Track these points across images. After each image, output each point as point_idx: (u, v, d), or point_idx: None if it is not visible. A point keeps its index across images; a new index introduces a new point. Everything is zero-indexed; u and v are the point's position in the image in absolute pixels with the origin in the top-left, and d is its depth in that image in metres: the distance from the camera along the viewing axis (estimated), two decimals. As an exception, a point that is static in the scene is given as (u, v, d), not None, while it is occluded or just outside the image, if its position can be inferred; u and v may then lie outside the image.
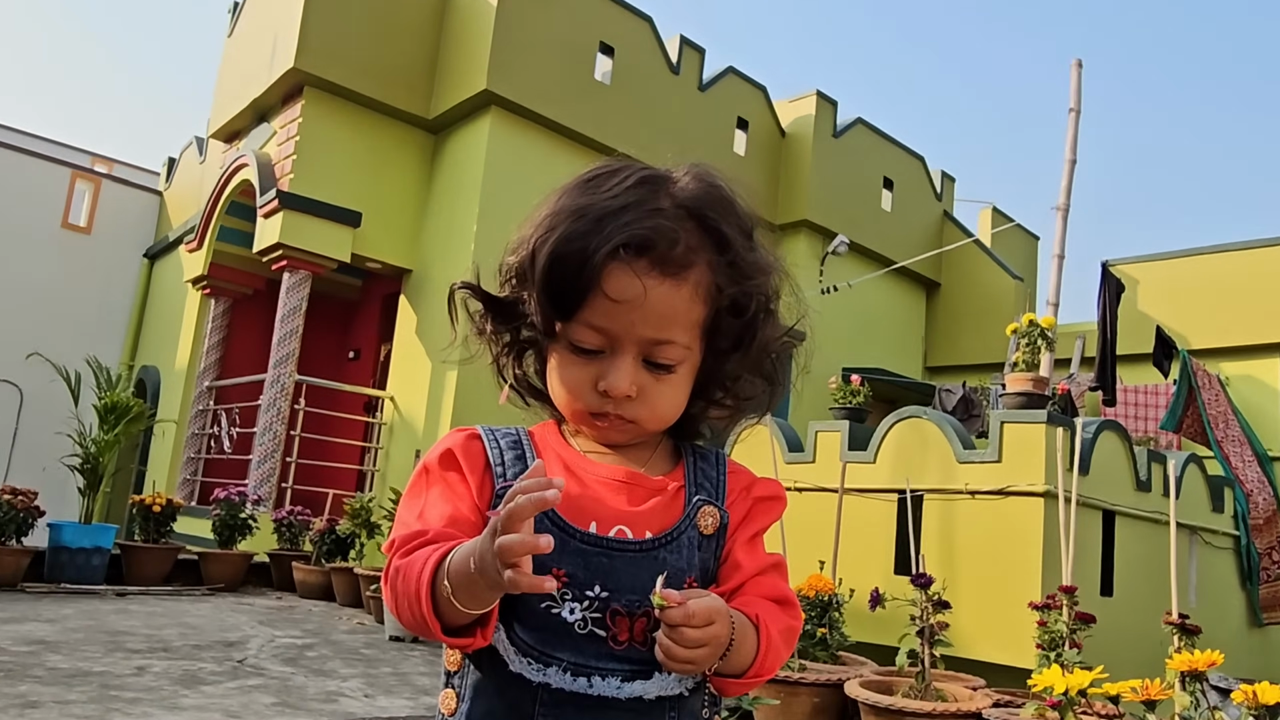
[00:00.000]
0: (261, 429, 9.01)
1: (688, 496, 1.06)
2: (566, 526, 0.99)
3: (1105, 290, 7.77)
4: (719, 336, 1.05)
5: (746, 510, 1.09)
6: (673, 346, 1.00)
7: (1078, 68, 7.99)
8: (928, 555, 5.88)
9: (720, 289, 1.03)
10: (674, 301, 0.99)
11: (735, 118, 11.17)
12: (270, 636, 5.55)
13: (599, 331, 0.99)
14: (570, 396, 1.03)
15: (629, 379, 0.99)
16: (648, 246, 0.97)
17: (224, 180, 10.31)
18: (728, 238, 1.03)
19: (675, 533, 1.02)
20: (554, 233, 1.01)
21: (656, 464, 1.09)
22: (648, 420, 1.03)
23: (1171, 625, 3.06)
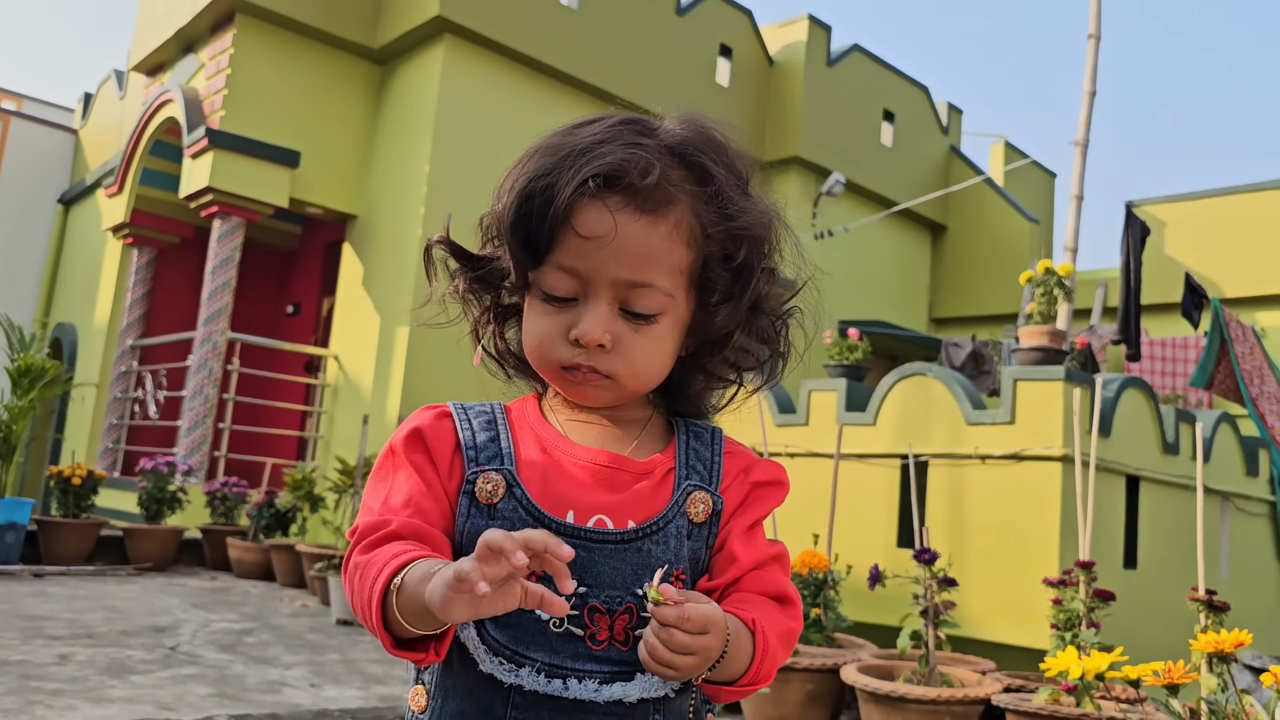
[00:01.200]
0: (191, 392, 8.90)
1: (677, 480, 1.04)
2: (541, 516, 0.98)
3: (1129, 234, 7.74)
4: (709, 290, 1.04)
5: (744, 496, 1.07)
6: (651, 291, 0.99)
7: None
8: (934, 526, 5.88)
9: (707, 233, 1.02)
10: (650, 239, 0.98)
11: (718, 45, 11.02)
12: (204, 621, 5.50)
13: (570, 274, 0.99)
14: (540, 348, 1.02)
15: (601, 325, 0.98)
16: (619, 177, 0.97)
17: (146, 118, 10.10)
18: (714, 176, 1.02)
19: (661, 521, 1.01)
20: (524, 172, 1.01)
21: (645, 444, 1.07)
22: (625, 376, 1.01)
23: (1197, 601, 3.04)
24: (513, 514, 0.98)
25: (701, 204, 1.01)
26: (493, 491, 0.98)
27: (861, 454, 6.37)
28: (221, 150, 8.74)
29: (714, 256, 1.02)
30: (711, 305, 1.04)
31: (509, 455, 1.01)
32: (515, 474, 1.00)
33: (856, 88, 12.10)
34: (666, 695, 0.98)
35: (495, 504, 0.98)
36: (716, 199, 1.01)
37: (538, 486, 1.00)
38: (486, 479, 0.99)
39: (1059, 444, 5.68)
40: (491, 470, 0.99)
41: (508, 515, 0.98)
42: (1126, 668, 2.49)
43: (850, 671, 3.75)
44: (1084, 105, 7.61)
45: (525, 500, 0.98)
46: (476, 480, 0.99)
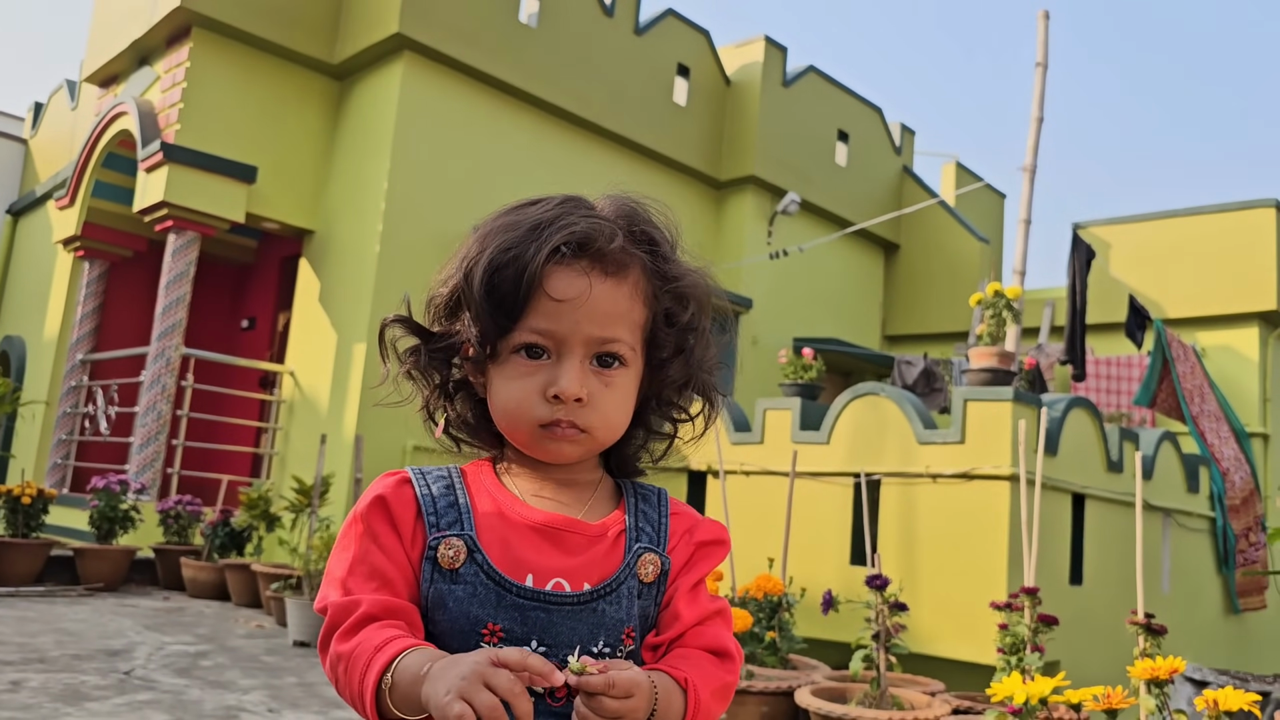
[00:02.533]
0: (144, 408, 8.80)
1: (628, 543, 1.10)
2: (502, 580, 1.03)
3: (1075, 258, 7.93)
4: (657, 346, 1.12)
5: (689, 555, 1.14)
6: (618, 345, 1.06)
7: (1044, 19, 8.09)
8: (885, 544, 5.97)
9: (655, 295, 1.10)
10: (616, 298, 1.06)
11: (675, 64, 11.12)
12: (159, 643, 5.45)
13: (544, 335, 1.05)
14: (518, 410, 1.07)
15: (579, 380, 1.04)
16: (587, 244, 1.04)
17: (99, 129, 10.00)
18: (657, 241, 1.12)
19: (615, 583, 1.07)
20: (487, 249, 1.06)
21: (596, 506, 1.13)
22: (599, 428, 1.07)
23: (1136, 625, 3.14)
24: (474, 579, 1.02)
25: (652, 267, 1.10)
26: (454, 557, 1.03)
27: (815, 472, 6.46)
28: (177, 164, 8.68)
29: (661, 315, 1.10)
30: (661, 360, 1.12)
31: (468, 520, 1.06)
32: (475, 539, 1.04)
33: (812, 108, 12.25)
34: None
35: (457, 569, 1.03)
36: (662, 262, 1.11)
37: (498, 551, 1.04)
38: (448, 545, 1.03)
39: (1008, 463, 5.81)
40: (452, 535, 1.04)
41: (470, 580, 1.02)
42: (1069, 692, 2.59)
43: (804, 695, 3.82)
44: (1031, 132, 7.79)
45: (486, 565, 1.03)
46: (438, 546, 1.04)
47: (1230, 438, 8.79)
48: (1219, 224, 11.02)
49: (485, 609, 1.01)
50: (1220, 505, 8.06)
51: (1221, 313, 10.87)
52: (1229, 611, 8.22)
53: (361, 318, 8.63)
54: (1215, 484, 8.09)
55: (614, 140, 10.39)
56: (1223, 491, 8.11)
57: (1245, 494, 8.53)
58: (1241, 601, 8.31)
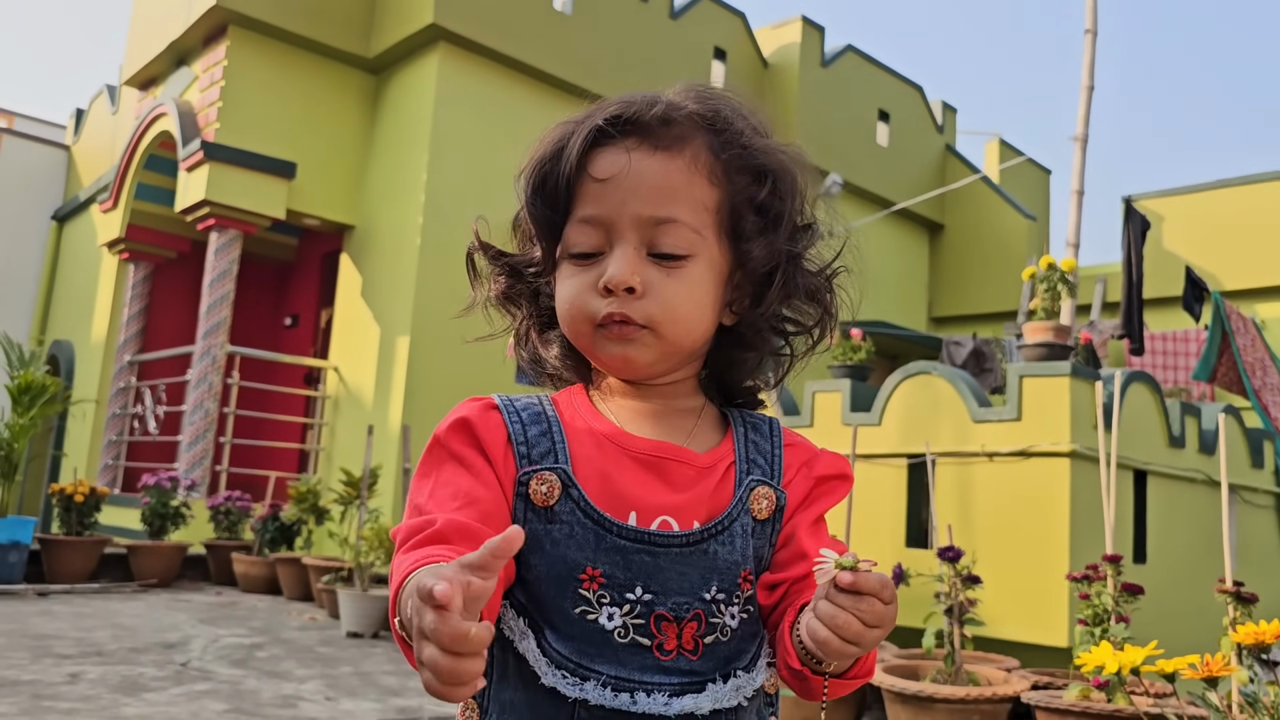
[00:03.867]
0: (191, 407, 8.84)
1: (738, 475, 0.99)
2: (602, 519, 0.93)
3: (1129, 229, 7.73)
4: (741, 234, 1.00)
5: (807, 490, 1.03)
6: (676, 227, 0.95)
7: (1094, -18, 7.89)
8: (943, 525, 5.85)
9: (728, 173, 0.99)
10: (669, 172, 0.96)
11: (712, 48, 11.01)
12: (214, 636, 5.45)
13: (593, 224, 0.96)
14: (571, 309, 0.97)
15: (629, 266, 0.94)
16: (631, 120, 0.96)
17: (140, 132, 10.06)
18: (727, 117, 1.00)
19: (727, 520, 0.96)
20: (538, 149, 1.01)
21: (701, 434, 1.02)
22: (664, 323, 0.95)
23: (1226, 594, 3.01)
24: (571, 517, 0.92)
25: (716, 141, 0.99)
26: (548, 494, 0.93)
27: (867, 454, 6.33)
28: (217, 163, 8.70)
29: (740, 196, 0.99)
30: (750, 257, 0.99)
31: (563, 451, 0.96)
32: (571, 473, 0.94)
33: (851, 88, 12.09)
34: (739, 704, 0.93)
35: (552, 506, 0.93)
36: (733, 137, 0.99)
37: (596, 486, 0.94)
38: (541, 480, 0.93)
39: (1066, 439, 5.66)
40: (545, 470, 0.94)
41: (566, 519, 0.92)
42: (1161, 661, 2.47)
43: (876, 673, 3.71)
44: (1082, 100, 7.60)
45: (584, 502, 0.93)
46: (530, 481, 0.93)
47: (1293, 411, 8.55)
48: (1275, 192, 10.74)
49: (584, 551, 0.91)
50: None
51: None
52: (1297, 589, 8.00)
53: (404, 311, 8.61)
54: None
55: (652, 126, 10.30)
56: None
57: (1311, 469, 8.29)
58: (1309, 579, 8.07)
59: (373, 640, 5.74)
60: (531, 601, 0.92)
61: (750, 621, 0.96)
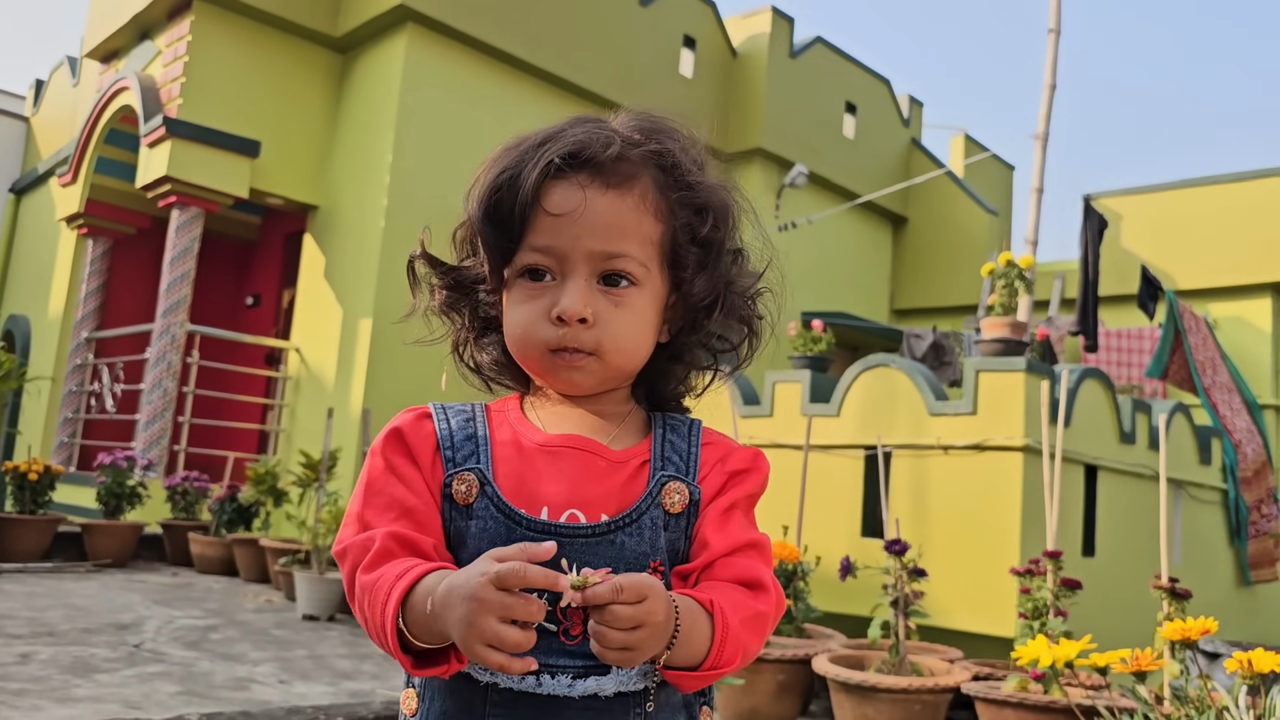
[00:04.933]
0: (149, 385, 8.77)
1: (651, 471, 1.05)
2: (513, 513, 0.99)
3: (1088, 228, 7.86)
4: (681, 265, 1.06)
5: (721, 484, 1.08)
6: (625, 260, 1.01)
7: (1058, -19, 7.98)
8: (898, 515, 5.94)
9: (672, 209, 1.05)
10: (620, 210, 1.01)
11: (681, 36, 11.02)
12: (168, 617, 5.43)
13: (545, 254, 1.01)
14: (524, 335, 1.03)
15: (582, 298, 0.99)
16: (583, 156, 1.00)
17: (101, 105, 9.93)
18: (670, 152, 1.06)
19: (635, 513, 1.01)
20: (489, 172, 1.06)
21: (623, 436, 1.08)
22: (609, 352, 1.01)
23: (1161, 589, 3.10)
24: (486, 513, 0.99)
25: (663, 179, 1.04)
26: (467, 492, 1.00)
27: (825, 445, 6.41)
28: (179, 139, 8.62)
29: (681, 231, 1.05)
30: (687, 278, 1.06)
31: (485, 454, 1.03)
32: (487, 472, 1.01)
33: (819, 80, 12.15)
34: (646, 689, 0.99)
35: (470, 504, 1.00)
36: (675, 173, 1.05)
37: (511, 484, 1.01)
38: (461, 480, 1.01)
39: (1020, 434, 5.76)
40: (466, 470, 1.01)
41: (481, 514, 0.99)
42: (1094, 655, 2.54)
43: (821, 662, 3.78)
44: (1044, 99, 7.70)
45: (497, 498, 0.99)
46: (452, 482, 1.01)
47: (1243, 409, 8.74)
48: (1231, 194, 10.92)
49: (497, 544, 0.95)
50: (1232, 477, 8.01)
51: (1234, 284, 10.79)
52: (1240, 583, 8.19)
53: (367, 293, 8.58)
54: (1228, 456, 8.03)
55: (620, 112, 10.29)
56: (1235, 463, 8.06)
57: (1257, 466, 8.48)
58: (1253, 574, 8.27)
59: (328, 623, 5.75)
60: None
61: None
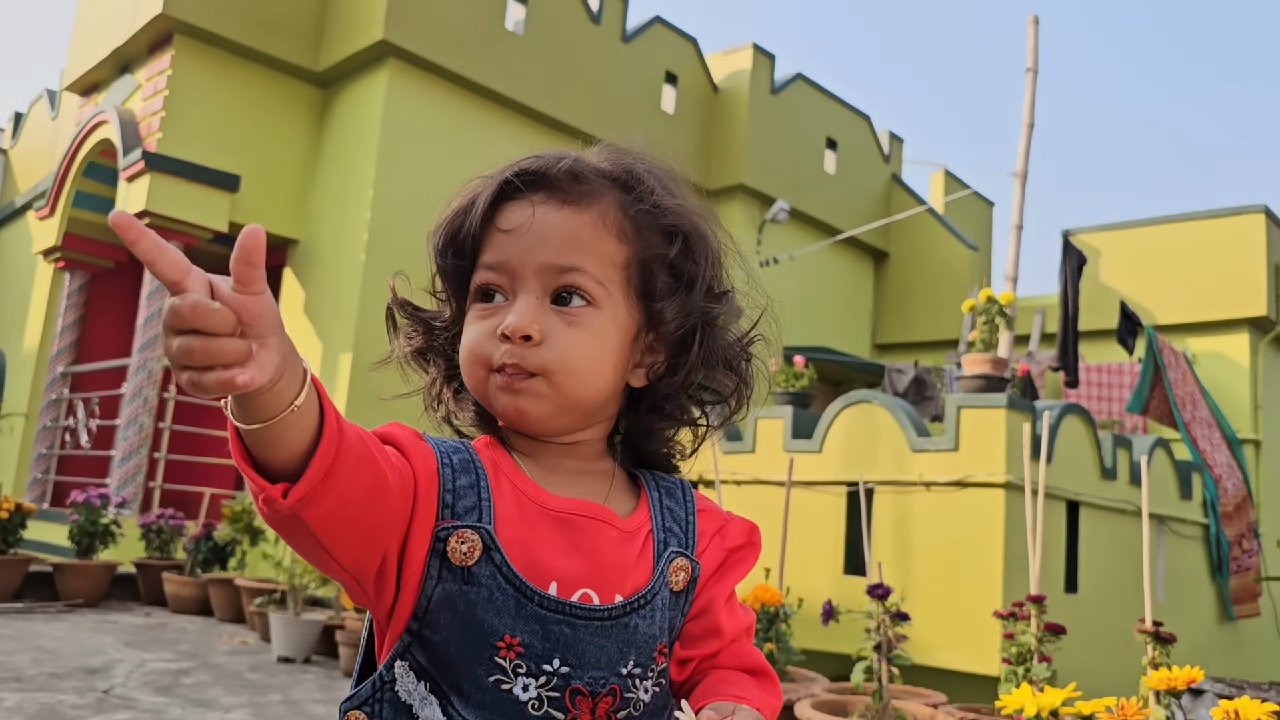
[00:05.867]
0: (125, 421, 8.68)
1: (657, 545, 0.98)
2: (524, 586, 0.89)
3: (1067, 264, 7.89)
4: (651, 294, 0.99)
5: (720, 560, 1.02)
6: (579, 275, 0.94)
7: (1034, 25, 8.06)
8: (880, 553, 5.90)
9: (638, 231, 0.99)
10: (574, 224, 0.96)
11: (663, 72, 11.07)
12: (139, 660, 5.33)
13: (496, 270, 0.96)
14: (469, 355, 0.96)
15: (529, 315, 0.93)
16: (536, 171, 0.97)
17: (80, 139, 9.89)
18: (639, 176, 1.01)
19: (649, 594, 0.95)
20: (449, 206, 1.03)
21: (617, 498, 1.00)
22: (556, 371, 0.92)
23: (1145, 634, 3.07)
24: (491, 581, 0.88)
25: (625, 199, 0.99)
26: (468, 553, 0.88)
27: (808, 481, 6.38)
28: (159, 173, 8.57)
29: (651, 254, 0.98)
30: (657, 308, 0.98)
31: (488, 510, 0.91)
32: (494, 535, 0.89)
33: (800, 116, 12.22)
34: None
35: (470, 566, 0.88)
36: (643, 195, 0.99)
37: (518, 550, 0.90)
38: (461, 537, 0.88)
39: (1002, 470, 5.75)
40: (468, 528, 0.89)
41: (485, 582, 0.88)
42: (1079, 704, 2.51)
43: (804, 708, 3.73)
44: (1023, 137, 7.75)
45: (506, 567, 0.89)
46: (449, 539, 0.88)
47: (1222, 444, 8.76)
48: (1209, 230, 11.01)
49: (502, 618, 0.87)
50: (1213, 512, 8.01)
51: (1212, 319, 10.85)
52: (1223, 619, 8.18)
53: (347, 328, 8.53)
54: (1208, 491, 8.04)
55: (602, 148, 10.32)
56: (1216, 498, 8.07)
57: (1238, 501, 8.49)
58: (1235, 609, 8.26)
59: (304, 665, 5.66)
60: (436, 665, 0.88)
61: (662, 694, 0.95)
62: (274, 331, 0.72)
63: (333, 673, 5.49)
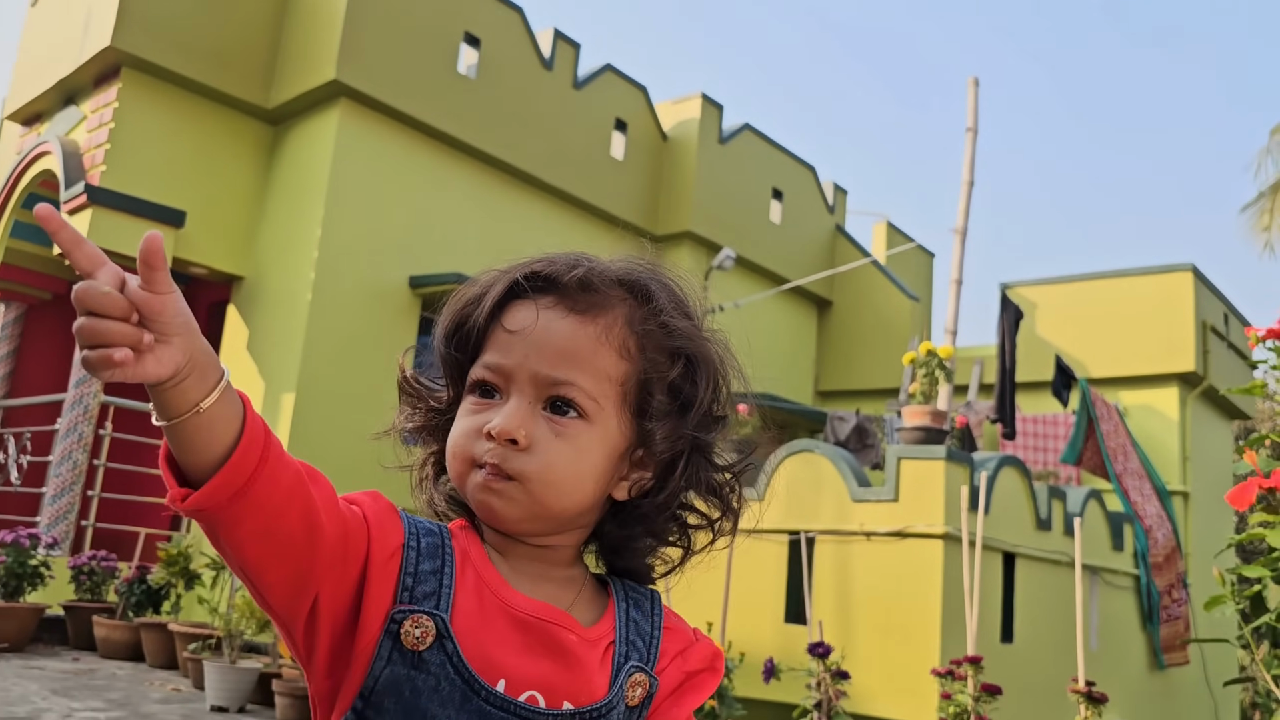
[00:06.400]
0: (58, 458, 8.48)
1: (616, 659, 0.97)
2: (472, 680, 0.89)
3: (1004, 318, 8.07)
4: (646, 414, 0.98)
5: (678, 682, 1.01)
6: (573, 390, 0.94)
7: (974, 86, 8.30)
8: (821, 602, 5.94)
9: (642, 349, 0.98)
10: (577, 337, 0.95)
11: (613, 119, 11.19)
12: (67, 710, 5.18)
13: (495, 371, 0.96)
14: (455, 449, 0.96)
15: (517, 419, 0.92)
16: (547, 275, 0.97)
17: (20, 169, 9.73)
18: (653, 294, 1.00)
19: (604, 708, 0.93)
20: (460, 295, 1.02)
21: (582, 605, 0.99)
22: (534, 481, 0.92)
23: (1078, 694, 3.14)
24: (440, 670, 0.87)
25: (636, 315, 0.98)
26: (420, 638, 0.88)
27: (750, 529, 6.41)
28: (101, 207, 8.45)
29: (652, 373, 0.97)
30: (650, 428, 0.97)
31: (447, 598, 0.90)
32: (448, 623, 0.89)
33: (747, 165, 12.40)
34: None
35: (421, 651, 0.88)
36: (652, 314, 0.98)
37: (471, 642, 0.90)
38: (416, 622, 0.88)
39: (940, 522, 5.84)
40: (423, 614, 0.89)
41: (434, 670, 0.88)
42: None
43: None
44: (963, 195, 7.95)
45: (457, 658, 0.88)
46: (404, 621, 0.88)
47: (1153, 496, 8.96)
48: (1140, 286, 11.33)
49: (446, 709, 0.87)
50: (1144, 563, 8.19)
51: (1143, 373, 11.14)
52: (1154, 667, 8.33)
53: (291, 367, 8.44)
54: (1139, 541, 8.22)
55: (551, 193, 10.39)
56: (1146, 549, 8.25)
57: (1168, 551, 8.68)
58: (1165, 657, 8.42)
59: (239, 715, 5.54)
60: None
61: None
62: (179, 331, 0.77)
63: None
